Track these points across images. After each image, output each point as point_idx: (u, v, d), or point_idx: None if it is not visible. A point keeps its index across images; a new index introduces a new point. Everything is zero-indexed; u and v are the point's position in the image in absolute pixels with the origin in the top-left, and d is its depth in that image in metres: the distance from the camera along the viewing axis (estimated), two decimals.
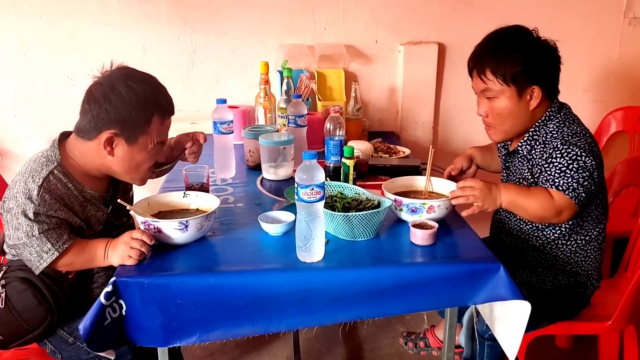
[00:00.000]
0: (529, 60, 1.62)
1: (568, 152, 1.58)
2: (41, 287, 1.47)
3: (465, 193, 1.55)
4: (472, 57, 1.71)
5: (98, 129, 1.46)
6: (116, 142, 1.47)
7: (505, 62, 1.62)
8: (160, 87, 1.53)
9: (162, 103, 1.51)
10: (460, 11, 2.65)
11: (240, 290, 1.36)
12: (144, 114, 1.46)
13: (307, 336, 2.50)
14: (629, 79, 2.86)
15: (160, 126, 1.51)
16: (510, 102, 1.66)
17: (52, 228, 1.42)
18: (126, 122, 1.45)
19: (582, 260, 1.75)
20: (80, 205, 1.52)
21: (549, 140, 1.67)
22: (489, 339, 1.78)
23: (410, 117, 2.73)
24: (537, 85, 1.65)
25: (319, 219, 1.39)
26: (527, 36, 1.67)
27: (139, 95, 1.45)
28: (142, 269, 1.38)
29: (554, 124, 1.69)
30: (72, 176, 1.51)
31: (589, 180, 1.57)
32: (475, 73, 1.69)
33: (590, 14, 2.73)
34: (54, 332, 1.55)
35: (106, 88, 1.45)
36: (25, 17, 2.46)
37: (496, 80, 1.64)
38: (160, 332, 1.37)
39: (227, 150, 2.03)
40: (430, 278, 1.41)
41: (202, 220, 1.46)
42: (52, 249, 1.41)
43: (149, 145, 1.51)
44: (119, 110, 1.44)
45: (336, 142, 1.97)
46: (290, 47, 2.56)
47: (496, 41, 1.68)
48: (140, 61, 2.55)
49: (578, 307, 1.82)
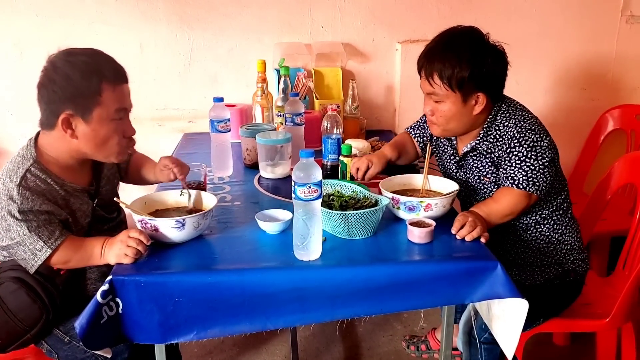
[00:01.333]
0: (477, 67, 1.62)
1: (525, 139, 1.65)
2: (34, 285, 1.47)
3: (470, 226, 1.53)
4: (422, 58, 1.72)
5: (54, 114, 1.45)
6: (74, 122, 1.46)
7: (452, 68, 1.62)
8: (104, 56, 1.51)
9: (108, 70, 1.48)
10: (458, 9, 2.65)
11: (238, 288, 1.36)
12: (91, 84, 1.44)
13: (304, 334, 2.51)
14: (626, 77, 2.86)
15: (112, 93, 1.48)
16: (455, 106, 1.68)
17: (42, 225, 1.42)
18: (75, 98, 1.43)
19: (562, 235, 1.79)
20: (62, 199, 1.51)
21: (503, 132, 1.70)
22: (486, 343, 1.79)
23: (408, 115, 2.73)
24: (482, 92, 1.66)
25: (316, 217, 1.39)
26: (477, 40, 1.67)
27: (81, 68, 1.44)
28: (139, 267, 1.38)
29: (500, 117, 1.72)
30: (50, 171, 1.50)
31: (548, 166, 1.65)
32: (423, 75, 1.71)
33: (588, 12, 2.74)
34: (50, 332, 1.55)
35: (49, 71, 1.45)
36: (21, 15, 2.45)
37: (442, 84, 1.65)
38: (157, 329, 1.36)
39: (225, 148, 2.02)
40: (427, 276, 1.41)
41: (199, 219, 1.46)
42: (44, 246, 1.41)
43: (108, 116, 1.48)
44: (64, 88, 1.42)
45: (333, 140, 1.97)
46: (287, 46, 2.56)
47: (446, 44, 1.67)
48: (138, 60, 2.56)
49: (571, 297, 1.83)
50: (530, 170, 1.63)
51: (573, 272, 1.80)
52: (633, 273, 1.78)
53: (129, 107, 1.57)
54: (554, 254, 1.79)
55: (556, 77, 2.82)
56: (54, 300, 1.49)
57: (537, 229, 1.79)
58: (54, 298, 1.50)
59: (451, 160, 1.88)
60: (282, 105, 2.26)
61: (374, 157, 1.90)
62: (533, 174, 1.63)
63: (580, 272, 1.81)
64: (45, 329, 1.52)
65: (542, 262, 1.79)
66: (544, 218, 1.78)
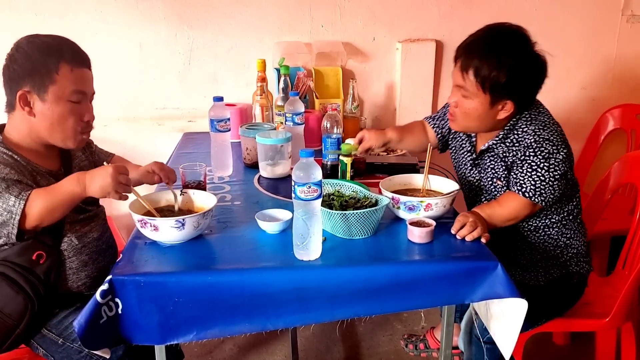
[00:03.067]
0: (515, 75, 1.59)
1: (541, 150, 1.61)
2: (15, 277, 1.46)
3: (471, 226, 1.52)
4: (461, 49, 1.68)
5: (14, 92, 1.49)
6: (31, 99, 1.49)
7: (490, 70, 1.59)
8: (67, 41, 1.55)
9: (67, 51, 1.51)
10: (458, 8, 2.65)
11: (238, 288, 1.36)
12: (48, 62, 1.47)
13: (305, 334, 2.51)
14: (626, 76, 2.86)
15: (70, 74, 1.49)
16: (481, 107, 1.65)
17: (10, 185, 1.41)
18: (33, 74, 1.47)
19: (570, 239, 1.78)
20: (30, 174, 1.51)
21: (522, 137, 1.67)
22: (488, 342, 1.78)
23: (408, 114, 2.73)
24: (511, 100, 1.63)
25: (316, 217, 1.39)
26: (522, 46, 1.62)
27: (41, 46, 1.49)
28: (139, 267, 1.38)
29: (522, 121, 1.69)
30: (16, 151, 1.52)
31: (559, 179, 1.62)
32: (459, 66, 1.66)
33: (588, 11, 2.74)
34: (40, 328, 1.54)
35: (12, 51, 1.50)
36: (20, 14, 2.45)
37: (475, 82, 1.62)
38: (157, 330, 1.36)
39: (224, 148, 2.02)
40: (427, 276, 1.41)
41: (199, 219, 1.46)
42: (16, 200, 1.39)
43: (64, 96, 1.49)
44: (23, 64, 1.47)
45: (333, 140, 1.96)
46: (287, 45, 2.56)
47: (490, 43, 1.62)
48: (137, 59, 2.56)
49: (574, 299, 1.83)
50: (540, 181, 1.61)
51: (577, 275, 1.79)
52: (633, 273, 1.78)
53: (89, 92, 1.58)
54: (560, 257, 1.78)
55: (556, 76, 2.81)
56: (37, 289, 1.48)
57: (545, 232, 1.78)
58: (37, 287, 1.48)
59: (467, 157, 1.85)
60: (282, 104, 2.26)
61: (371, 132, 1.92)
62: (542, 185, 1.61)
63: (583, 274, 1.81)
64: (34, 323, 1.51)
65: (547, 264, 1.78)
66: (553, 222, 1.77)
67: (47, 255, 1.51)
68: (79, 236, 1.60)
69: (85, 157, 1.74)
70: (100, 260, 1.67)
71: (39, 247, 1.50)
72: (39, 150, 1.56)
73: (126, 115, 2.61)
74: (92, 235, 1.65)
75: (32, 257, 1.49)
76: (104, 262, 1.68)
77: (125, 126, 2.62)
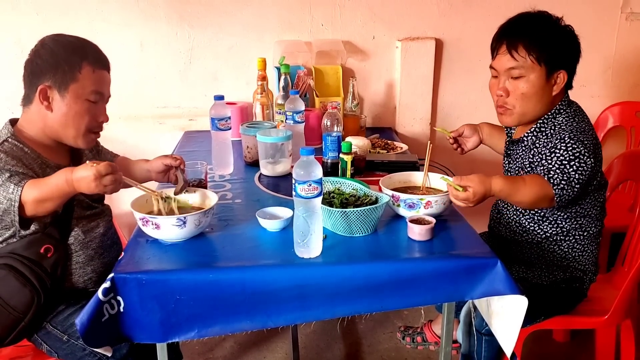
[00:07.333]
0: (563, 43, 1.63)
1: (573, 147, 1.57)
2: (22, 270, 1.47)
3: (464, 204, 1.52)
4: (503, 32, 1.68)
5: (34, 86, 1.52)
6: (51, 94, 1.51)
7: (541, 41, 1.61)
8: (90, 42, 1.59)
9: (91, 52, 1.56)
10: (457, 7, 2.65)
11: (239, 285, 1.37)
12: (72, 60, 1.51)
13: (305, 331, 2.51)
14: (626, 74, 2.86)
15: (92, 74, 1.54)
16: (538, 82, 1.63)
17: (13, 175, 1.42)
18: (55, 70, 1.50)
19: (579, 255, 1.76)
20: (39, 167, 1.54)
21: (557, 132, 1.65)
22: (487, 334, 1.79)
23: (408, 113, 2.74)
24: (564, 70, 1.65)
25: (317, 215, 1.39)
26: (556, 21, 1.67)
27: (66, 44, 1.53)
28: (141, 265, 1.39)
29: (563, 117, 1.68)
30: (27, 144, 1.54)
31: (582, 182, 1.56)
32: (504, 49, 1.65)
33: (588, 9, 2.73)
34: (43, 322, 1.55)
35: (37, 47, 1.54)
36: (22, 14, 2.45)
37: (528, 57, 1.61)
38: (158, 327, 1.37)
39: (225, 146, 2.03)
40: (427, 273, 1.41)
41: (200, 217, 1.47)
42: (15, 187, 1.39)
43: (84, 95, 1.53)
44: (47, 60, 1.51)
45: (334, 138, 1.97)
46: (287, 44, 2.56)
47: (529, 20, 1.66)
48: (138, 58, 2.56)
49: (574, 302, 1.83)
50: (566, 174, 1.55)
51: (580, 281, 1.79)
52: (632, 270, 1.78)
53: (107, 95, 1.62)
54: (566, 267, 1.77)
55: None
56: (43, 282, 1.50)
57: (556, 241, 1.74)
58: (44, 280, 1.50)
59: (504, 148, 1.88)
60: (282, 103, 2.26)
61: (467, 124, 1.99)
62: (567, 178, 1.54)
63: (587, 282, 1.80)
64: (39, 317, 1.52)
65: (552, 268, 1.77)
66: (566, 233, 1.73)
67: (54, 248, 1.53)
68: (86, 231, 1.62)
69: (92, 156, 1.76)
70: (106, 255, 1.69)
71: (46, 241, 1.52)
72: (50, 145, 1.58)
73: (127, 114, 2.62)
74: (98, 230, 1.67)
75: (40, 250, 1.50)
76: (109, 258, 1.69)
77: (126, 125, 2.63)
